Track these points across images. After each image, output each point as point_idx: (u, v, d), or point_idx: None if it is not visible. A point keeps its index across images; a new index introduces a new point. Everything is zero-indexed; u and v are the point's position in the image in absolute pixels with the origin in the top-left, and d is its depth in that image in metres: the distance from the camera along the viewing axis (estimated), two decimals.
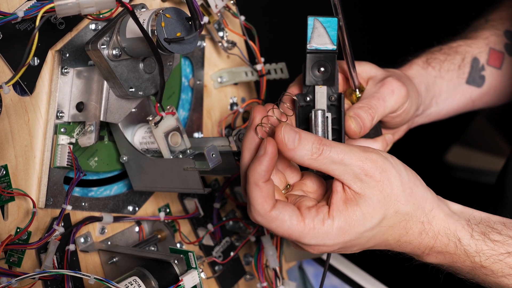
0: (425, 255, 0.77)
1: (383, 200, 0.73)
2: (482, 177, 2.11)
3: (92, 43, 0.76)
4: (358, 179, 0.72)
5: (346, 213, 0.72)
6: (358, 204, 0.72)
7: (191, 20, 0.74)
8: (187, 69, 0.99)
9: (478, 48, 1.08)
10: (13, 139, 0.78)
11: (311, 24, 0.81)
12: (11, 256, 0.78)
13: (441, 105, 1.04)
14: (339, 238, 0.72)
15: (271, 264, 0.96)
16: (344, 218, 0.72)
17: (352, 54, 0.85)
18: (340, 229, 0.72)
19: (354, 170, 0.71)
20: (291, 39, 1.35)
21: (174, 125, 0.86)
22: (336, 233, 0.72)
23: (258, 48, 0.98)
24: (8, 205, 0.78)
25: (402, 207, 0.74)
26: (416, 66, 1.01)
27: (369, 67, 0.92)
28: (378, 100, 0.87)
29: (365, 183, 0.72)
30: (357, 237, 0.73)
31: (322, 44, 0.82)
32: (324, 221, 0.72)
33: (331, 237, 0.72)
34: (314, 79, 0.84)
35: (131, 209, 0.92)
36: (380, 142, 0.93)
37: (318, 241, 0.72)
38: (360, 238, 0.73)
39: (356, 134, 0.85)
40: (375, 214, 0.73)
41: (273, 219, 0.72)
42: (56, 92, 0.81)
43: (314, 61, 0.83)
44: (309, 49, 0.82)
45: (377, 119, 0.87)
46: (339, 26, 0.81)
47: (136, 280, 0.75)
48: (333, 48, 0.82)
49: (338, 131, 0.85)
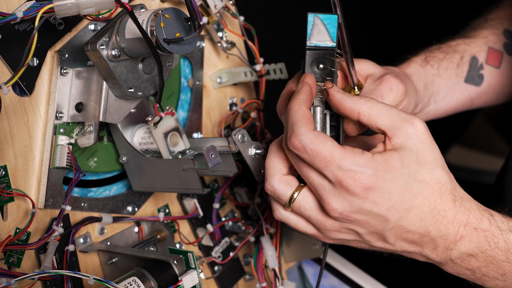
0: (457, 239, 0.74)
1: (420, 154, 0.73)
2: (481, 177, 2.10)
3: (91, 44, 0.77)
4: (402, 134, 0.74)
5: (384, 153, 0.73)
6: (397, 150, 0.73)
7: (190, 21, 0.74)
8: (186, 69, 0.99)
9: (477, 47, 1.08)
10: (13, 139, 0.78)
11: (311, 20, 0.81)
12: (11, 257, 0.78)
13: (440, 104, 1.04)
14: (376, 171, 0.71)
15: (270, 264, 0.96)
16: (382, 155, 0.73)
17: (351, 52, 0.85)
18: (378, 161, 0.72)
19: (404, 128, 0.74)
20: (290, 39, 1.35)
21: (173, 126, 0.86)
22: (374, 164, 0.72)
23: (258, 48, 0.98)
24: (8, 206, 0.78)
25: (439, 169, 0.74)
26: (414, 64, 1.01)
27: (368, 65, 0.92)
28: (376, 97, 0.87)
29: (407, 137, 0.74)
30: (393, 177, 0.72)
31: (322, 41, 0.82)
32: (363, 152, 0.73)
33: (369, 165, 0.71)
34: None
35: (130, 210, 0.92)
36: (378, 139, 0.93)
37: (356, 166, 0.71)
38: (396, 182, 0.72)
39: (354, 131, 0.85)
40: (412, 162, 0.73)
41: (316, 136, 0.72)
42: (56, 92, 0.81)
43: (313, 57, 0.83)
44: (308, 45, 0.82)
45: None
46: (338, 23, 0.81)
47: (135, 281, 0.75)
48: (332, 45, 0.82)
49: (336, 128, 0.85)
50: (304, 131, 0.72)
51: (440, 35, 1.10)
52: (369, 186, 0.71)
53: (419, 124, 0.74)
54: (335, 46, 0.82)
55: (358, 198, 0.72)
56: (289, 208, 0.76)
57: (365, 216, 0.73)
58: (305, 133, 0.72)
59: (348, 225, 0.74)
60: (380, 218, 0.73)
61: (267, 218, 1.00)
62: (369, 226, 0.74)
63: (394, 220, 0.73)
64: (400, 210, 0.73)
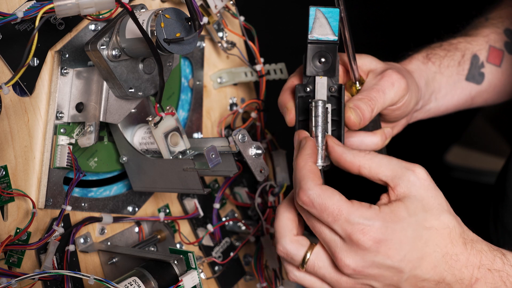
0: (473, 282, 0.73)
1: (425, 201, 0.74)
2: (481, 177, 2.10)
3: (91, 44, 0.76)
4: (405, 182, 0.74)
5: (390, 205, 0.73)
6: (402, 200, 0.73)
7: (190, 21, 0.74)
8: (186, 69, 0.99)
9: (478, 45, 1.08)
10: (13, 139, 0.78)
11: (313, 14, 0.81)
12: (11, 257, 0.78)
13: (441, 101, 1.04)
14: (385, 222, 0.71)
15: (270, 264, 0.96)
16: (388, 207, 0.73)
17: (353, 46, 0.85)
18: (385, 213, 0.72)
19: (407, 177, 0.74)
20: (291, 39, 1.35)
21: (173, 126, 0.86)
22: (382, 215, 0.72)
23: (258, 48, 0.98)
24: (8, 206, 0.78)
25: (446, 213, 0.74)
26: (416, 61, 1.01)
27: (369, 60, 0.91)
28: (378, 92, 0.86)
29: (410, 185, 0.74)
30: (402, 227, 0.72)
31: (324, 34, 0.82)
32: (370, 205, 0.73)
33: (377, 217, 0.72)
34: (314, 70, 0.84)
35: (130, 210, 0.92)
36: (379, 136, 0.93)
37: (364, 220, 0.71)
38: (405, 231, 0.72)
39: (355, 125, 0.84)
40: (418, 210, 0.73)
41: (323, 190, 0.72)
42: (56, 92, 0.81)
43: (315, 51, 0.83)
44: (310, 39, 0.82)
45: (376, 111, 0.87)
46: (340, 17, 0.81)
47: (135, 281, 0.75)
48: (334, 39, 0.82)
49: (337, 122, 0.85)
50: (312, 186, 0.73)
51: (441, 33, 1.10)
52: (379, 238, 0.71)
53: (420, 171, 0.75)
54: (337, 40, 0.82)
55: (369, 252, 0.71)
56: (303, 269, 0.76)
57: (378, 269, 0.72)
58: (312, 188, 0.73)
59: (363, 280, 0.74)
60: (393, 270, 0.72)
61: (268, 218, 1.00)
62: (384, 279, 0.73)
63: (408, 270, 0.73)
64: (412, 260, 0.72)
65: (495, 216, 1.14)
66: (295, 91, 0.85)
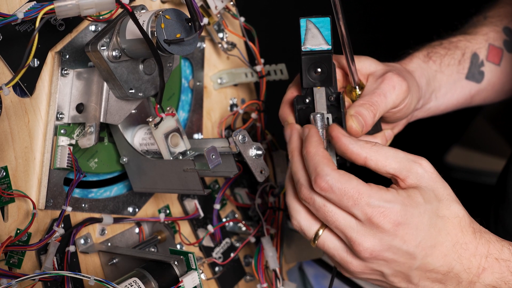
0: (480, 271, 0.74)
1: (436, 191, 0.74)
2: (482, 178, 2.11)
3: (92, 45, 0.77)
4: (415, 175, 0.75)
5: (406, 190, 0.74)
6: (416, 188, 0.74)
7: (190, 22, 0.74)
8: (187, 70, 0.99)
9: (478, 44, 1.08)
10: (13, 140, 0.78)
11: (304, 25, 0.81)
12: (11, 258, 0.78)
13: (441, 100, 1.04)
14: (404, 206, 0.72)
15: (271, 265, 0.95)
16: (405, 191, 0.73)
17: (352, 50, 0.85)
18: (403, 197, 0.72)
19: None
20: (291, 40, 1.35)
21: (174, 126, 0.86)
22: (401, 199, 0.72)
23: (258, 49, 0.98)
24: (8, 207, 0.78)
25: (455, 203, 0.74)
26: (417, 60, 1.01)
27: (369, 63, 0.91)
28: (379, 96, 0.86)
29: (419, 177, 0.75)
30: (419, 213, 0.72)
31: (317, 44, 0.81)
32: (388, 188, 0.73)
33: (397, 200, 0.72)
34: (311, 81, 0.83)
35: (131, 210, 0.92)
36: (379, 138, 0.93)
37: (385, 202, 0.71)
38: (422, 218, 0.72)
39: (358, 134, 0.84)
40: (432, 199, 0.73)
41: (341, 175, 0.72)
42: (56, 93, 0.81)
43: (310, 63, 0.82)
44: (303, 51, 0.81)
45: (378, 115, 0.86)
46: (337, 22, 0.80)
47: (136, 281, 0.75)
48: (328, 48, 0.82)
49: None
50: (329, 171, 0.73)
51: (440, 32, 1.09)
52: (399, 221, 0.72)
53: (426, 164, 0.75)
54: (331, 48, 0.82)
55: (388, 235, 0.72)
56: (314, 245, 0.77)
57: (393, 254, 0.73)
58: (330, 173, 0.72)
59: (375, 265, 0.74)
60: (407, 256, 0.73)
61: (268, 219, 1.00)
62: (396, 265, 0.73)
63: (421, 257, 0.73)
64: (426, 247, 0.73)
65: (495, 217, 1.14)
66: (294, 103, 0.85)
